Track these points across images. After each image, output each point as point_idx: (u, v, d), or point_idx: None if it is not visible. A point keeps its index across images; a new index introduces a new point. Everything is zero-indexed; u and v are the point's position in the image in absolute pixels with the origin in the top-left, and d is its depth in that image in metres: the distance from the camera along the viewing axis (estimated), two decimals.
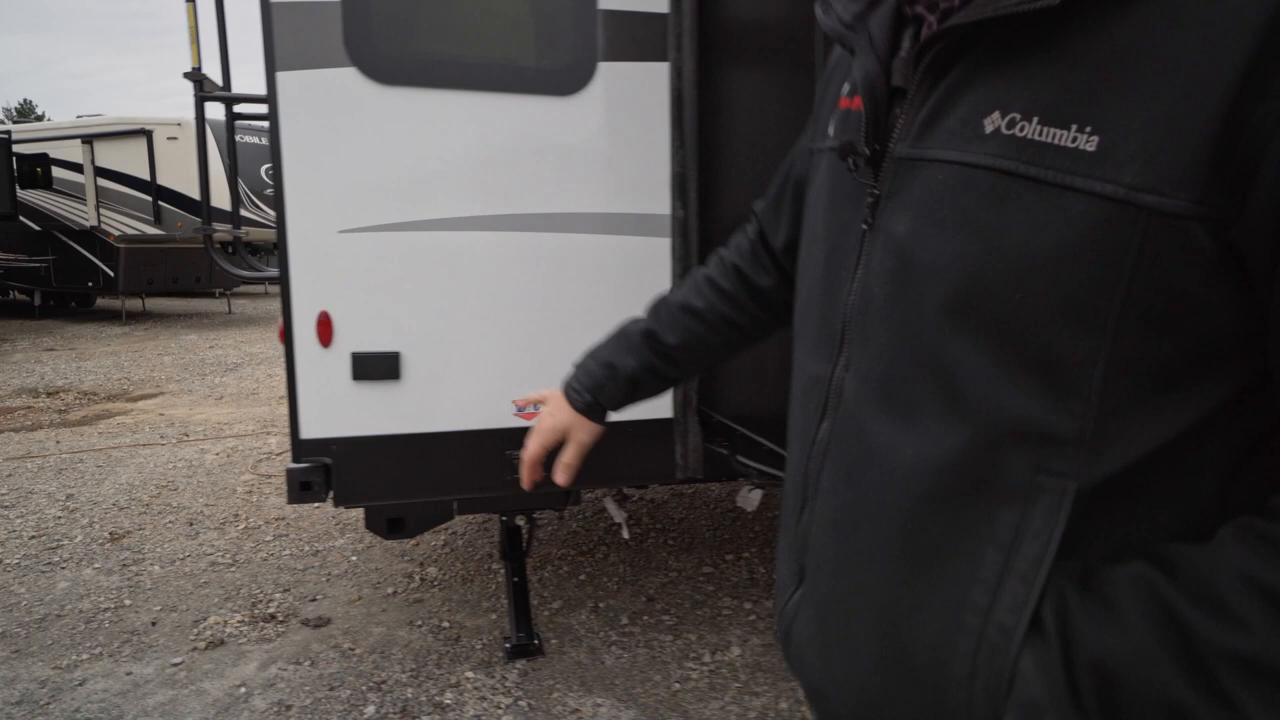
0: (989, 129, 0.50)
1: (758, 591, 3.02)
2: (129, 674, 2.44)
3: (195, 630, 2.72)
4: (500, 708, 2.25)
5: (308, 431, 1.97)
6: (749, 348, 0.99)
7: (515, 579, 2.66)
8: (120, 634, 2.69)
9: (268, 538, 3.59)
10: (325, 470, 2.00)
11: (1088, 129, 0.46)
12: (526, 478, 1.01)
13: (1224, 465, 0.50)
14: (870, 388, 0.60)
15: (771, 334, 0.97)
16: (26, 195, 12.12)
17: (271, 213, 8.98)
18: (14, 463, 4.83)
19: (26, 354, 9.64)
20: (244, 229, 2.74)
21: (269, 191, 12.02)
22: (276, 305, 16.26)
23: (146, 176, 11.60)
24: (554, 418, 0.99)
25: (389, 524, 2.36)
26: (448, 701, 2.28)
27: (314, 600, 2.96)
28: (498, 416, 2.06)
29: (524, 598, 2.64)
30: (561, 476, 1.00)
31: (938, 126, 0.55)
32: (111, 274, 12.14)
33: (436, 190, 1.98)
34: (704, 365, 1.01)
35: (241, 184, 11.71)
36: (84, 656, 2.53)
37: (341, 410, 1.99)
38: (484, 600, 2.95)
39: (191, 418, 6.25)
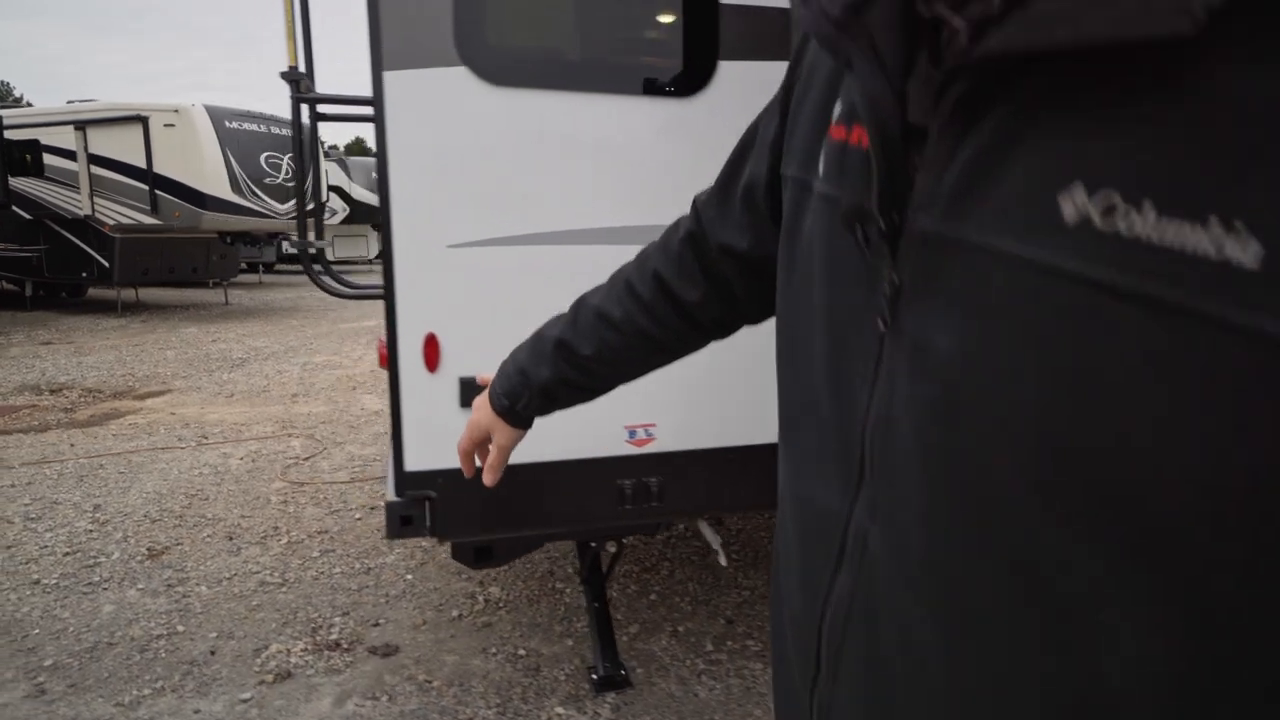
0: (1070, 216, 0.34)
1: None
2: (197, 712, 2.29)
3: (258, 660, 2.57)
4: None
5: (412, 463, 1.83)
6: (678, 359, 0.87)
7: (596, 604, 2.53)
8: (179, 665, 2.54)
9: (314, 553, 3.44)
10: (426, 503, 1.86)
11: (1238, 226, 0.29)
12: (463, 469, 0.97)
13: None
14: (909, 562, 0.45)
15: (700, 348, 0.86)
16: (17, 183, 11.77)
17: (272, 202, 8.79)
18: (31, 469, 4.64)
19: (23, 348, 9.37)
20: (324, 241, 2.56)
21: (269, 180, 11.77)
22: (273, 296, 16.10)
23: (142, 164, 11.30)
24: (479, 413, 0.93)
25: (477, 553, 2.22)
26: None
27: (377, 625, 2.82)
28: (610, 444, 1.93)
29: (607, 625, 2.52)
30: (488, 478, 0.95)
31: (983, 195, 0.38)
32: (106, 264, 11.84)
33: (549, 201, 1.83)
34: (627, 377, 0.89)
35: (240, 172, 11.49)
36: (145, 692, 2.38)
37: (448, 440, 1.84)
38: (555, 624, 2.82)
39: (204, 418, 6.06)
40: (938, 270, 0.41)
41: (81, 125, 11.66)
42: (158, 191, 11.27)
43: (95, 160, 11.69)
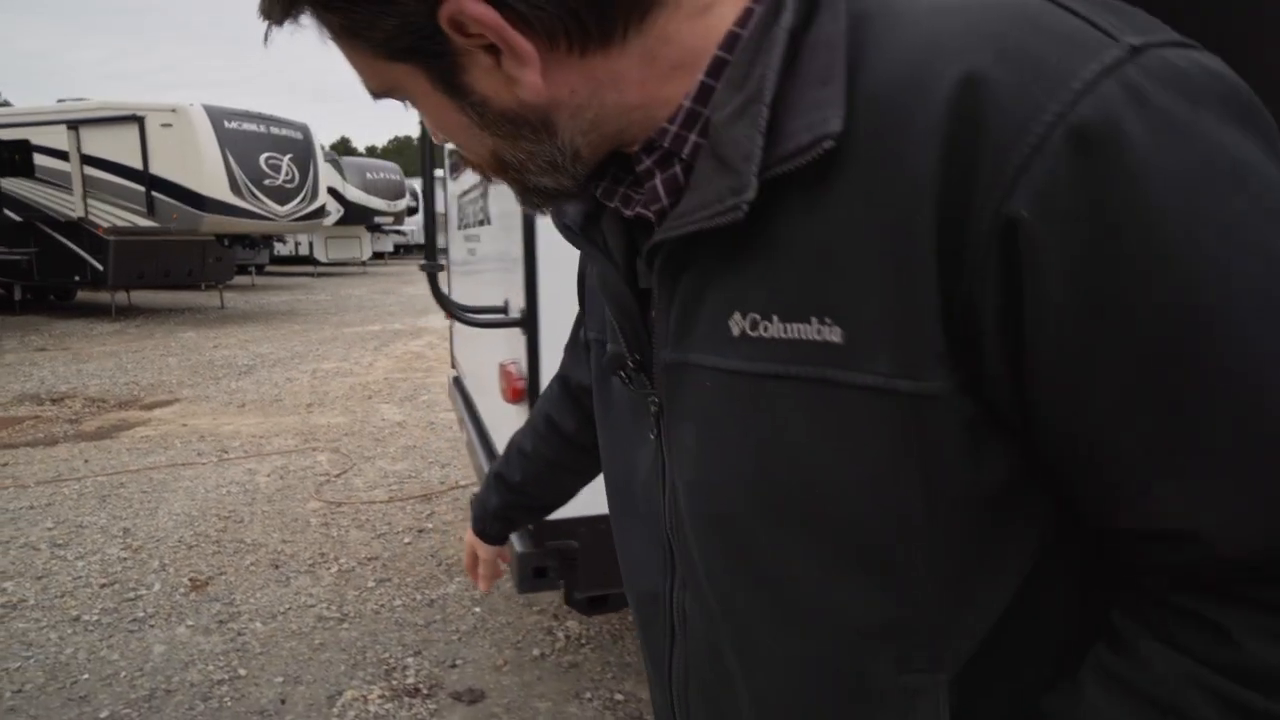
0: (735, 331, 0.48)
1: None
2: None
3: (334, 709, 2.37)
4: None
5: (559, 510, 1.64)
6: (591, 478, 0.99)
7: None
8: (248, 716, 2.33)
9: (369, 583, 3.23)
10: (562, 554, 1.67)
11: (827, 320, 0.44)
12: (473, 580, 1.10)
13: (1073, 600, 0.50)
14: (711, 610, 0.57)
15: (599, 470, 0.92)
16: (6, 184, 11.41)
17: (272, 203, 8.55)
18: (48, 488, 4.39)
19: (18, 354, 9.04)
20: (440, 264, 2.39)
21: (268, 181, 11.49)
22: (268, 299, 15.78)
23: (138, 165, 10.98)
24: (467, 533, 1.09)
25: (592, 600, 2.03)
26: None
27: (454, 666, 2.62)
28: None
29: None
30: (481, 585, 1.10)
31: (692, 329, 0.52)
32: (100, 268, 11.50)
33: None
34: (564, 494, 1.06)
35: (240, 174, 11.20)
36: None
37: (593, 485, 1.66)
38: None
39: (219, 429, 5.81)
40: (676, 387, 0.54)
41: (74, 125, 11.32)
42: (155, 193, 10.96)
43: (88, 161, 11.36)
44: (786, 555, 0.50)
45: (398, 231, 24.46)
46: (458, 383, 3.52)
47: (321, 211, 12.60)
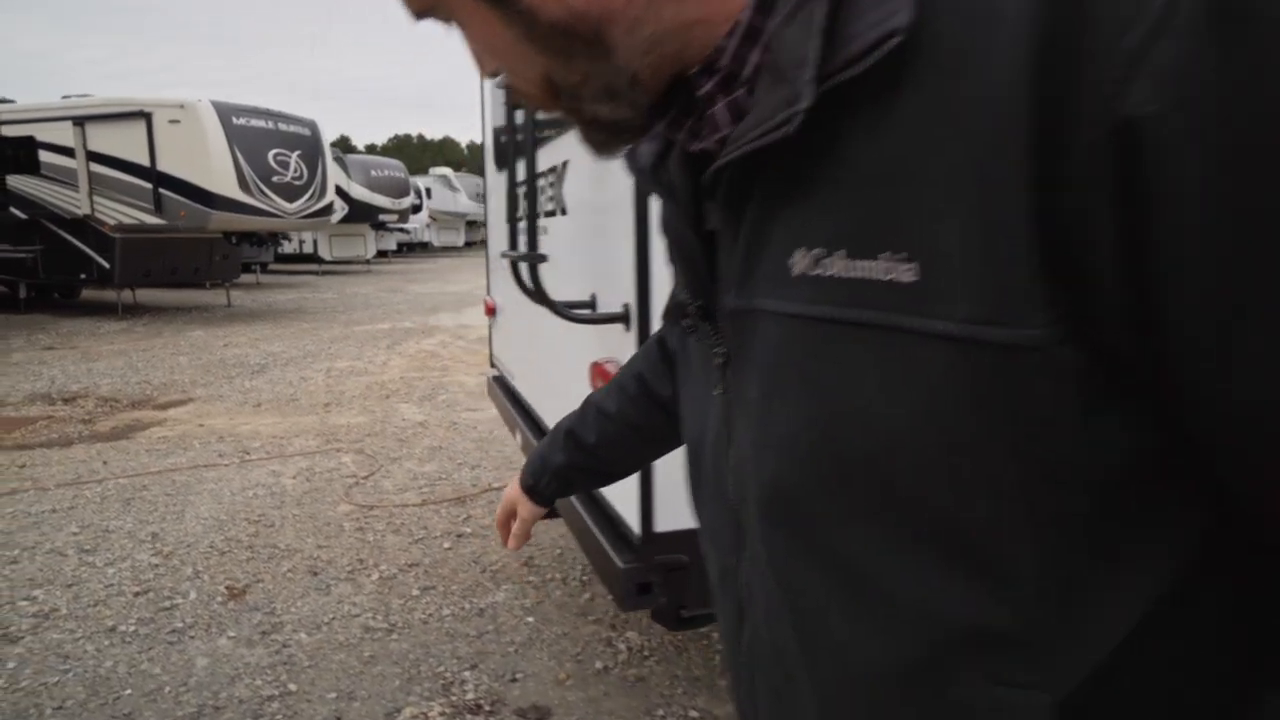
0: (796, 270, 0.43)
1: None
2: None
3: None
4: None
5: (665, 522, 1.51)
6: (671, 449, 0.93)
7: None
8: None
9: (413, 591, 3.10)
10: (669, 569, 1.54)
11: (901, 255, 0.37)
12: (500, 537, 1.04)
13: (1225, 641, 0.39)
14: (776, 593, 0.51)
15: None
16: (12, 181, 11.25)
17: (280, 200, 8.42)
18: (69, 491, 4.25)
19: (25, 353, 8.89)
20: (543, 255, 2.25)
21: (277, 178, 11.33)
22: (275, 297, 15.67)
23: (145, 162, 10.83)
24: (510, 488, 1.02)
25: (681, 616, 1.90)
26: None
27: (514, 680, 2.49)
28: None
29: None
30: (511, 544, 1.03)
31: (755, 270, 0.47)
32: (107, 265, 11.34)
33: None
34: (635, 463, 1.03)
35: (248, 170, 11.05)
36: None
37: None
38: (716, 678, 2.51)
39: (236, 430, 5.68)
40: (745, 337, 0.49)
41: (80, 121, 11.16)
42: (162, 190, 10.82)
43: (95, 158, 11.21)
44: (857, 534, 0.44)
45: (401, 229, 24.31)
46: (501, 383, 3.38)
47: (330, 209, 12.45)
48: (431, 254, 29.97)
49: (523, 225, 1.89)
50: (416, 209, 23.22)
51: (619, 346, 1.56)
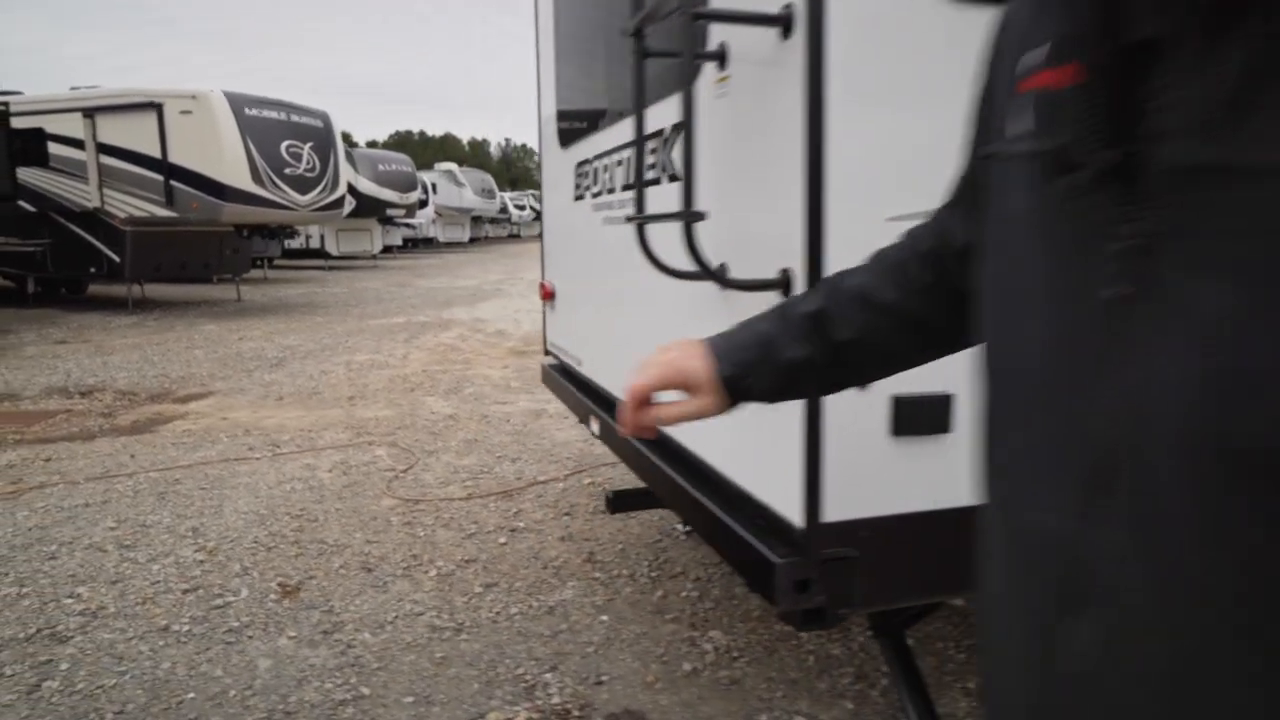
0: None
1: None
2: None
3: None
4: None
5: (833, 512, 1.35)
6: (954, 353, 0.74)
7: (903, 661, 2.06)
8: None
9: (475, 588, 2.94)
10: (833, 565, 1.38)
11: None
12: (629, 420, 0.81)
13: None
14: (1173, 588, 0.36)
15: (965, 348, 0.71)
16: (20, 174, 11.06)
17: (293, 193, 8.24)
18: (99, 485, 4.09)
19: (38, 347, 8.73)
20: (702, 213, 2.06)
21: (289, 170, 11.15)
22: (285, 292, 15.53)
23: (156, 153, 10.65)
24: (686, 359, 0.78)
25: (806, 614, 1.75)
26: None
27: (599, 683, 2.33)
28: None
29: (923, 688, 2.05)
30: (645, 424, 0.80)
31: (1252, 110, 0.32)
32: (117, 259, 11.16)
33: None
34: (884, 370, 0.79)
35: (261, 162, 10.88)
36: None
37: (877, 479, 1.37)
38: (814, 679, 2.35)
39: (261, 423, 5.52)
40: (1200, 209, 0.35)
41: (90, 112, 10.98)
42: (174, 182, 10.64)
43: (105, 149, 11.03)
44: None
45: (408, 225, 24.12)
46: (564, 371, 3.22)
47: (342, 201, 12.27)
48: (436, 250, 29.78)
49: (658, 189, 1.74)
50: (423, 204, 23.01)
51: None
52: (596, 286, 2.70)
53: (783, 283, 1.37)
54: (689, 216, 1.38)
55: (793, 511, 1.39)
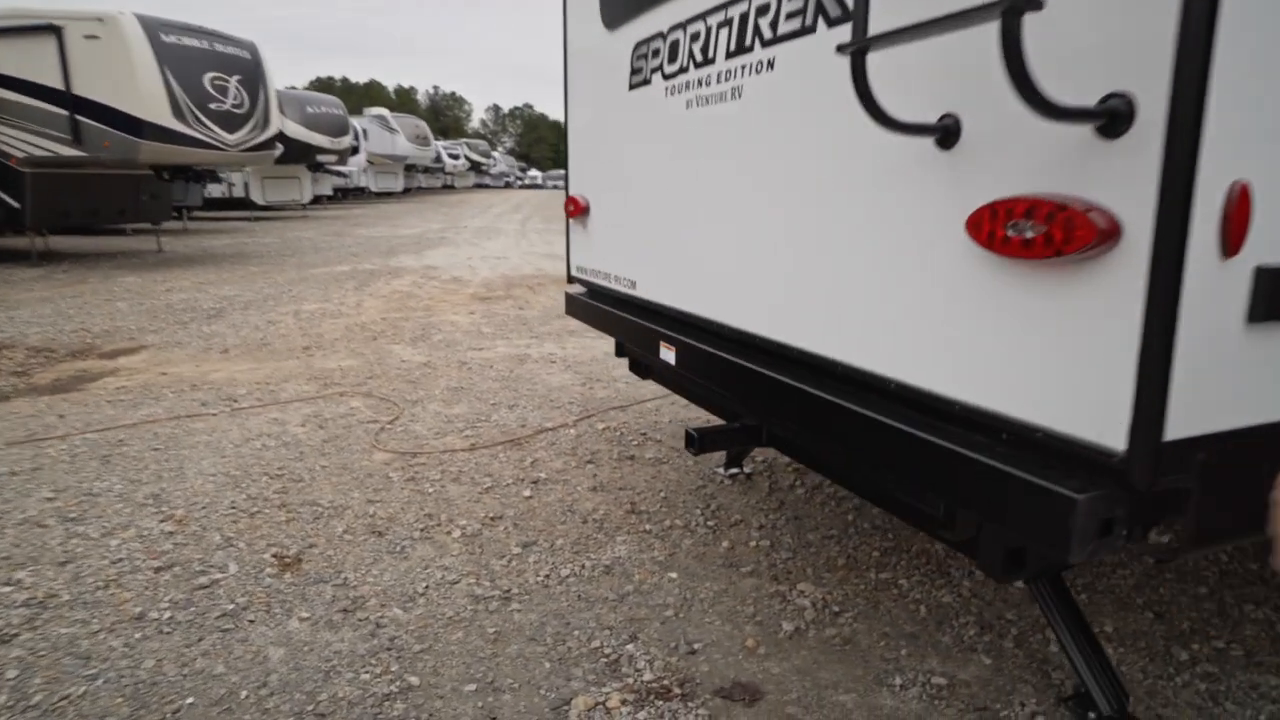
0: None
1: None
2: None
3: None
4: None
5: (1178, 427, 0.97)
6: None
7: (1069, 612, 1.74)
8: None
9: (513, 548, 2.51)
10: (1154, 497, 1.02)
11: None
12: None
13: None
14: None
15: None
16: None
17: (220, 130, 7.37)
18: (25, 450, 3.45)
19: None
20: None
21: (215, 105, 10.10)
22: (211, 243, 14.35)
23: (58, 84, 9.43)
24: None
25: (1007, 558, 1.40)
26: None
27: (693, 652, 1.96)
28: None
29: (1094, 640, 1.74)
30: None
31: None
32: (16, 205, 9.95)
33: None
34: None
35: (182, 95, 9.80)
36: None
37: (1225, 384, 1.00)
38: (935, 632, 2.04)
39: (209, 377, 4.89)
40: None
41: None
42: (80, 117, 9.46)
43: None
44: None
45: (339, 172, 22.67)
46: (606, 298, 2.76)
47: (275, 141, 11.22)
48: (369, 200, 28.25)
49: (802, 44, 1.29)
50: (355, 151, 21.63)
51: (1087, 173, 0.98)
52: (666, 191, 2.24)
53: (1120, 114, 0.96)
54: (861, 43, 0.94)
55: (1113, 426, 1.01)
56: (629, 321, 2.45)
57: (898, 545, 2.52)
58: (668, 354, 2.19)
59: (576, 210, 2.81)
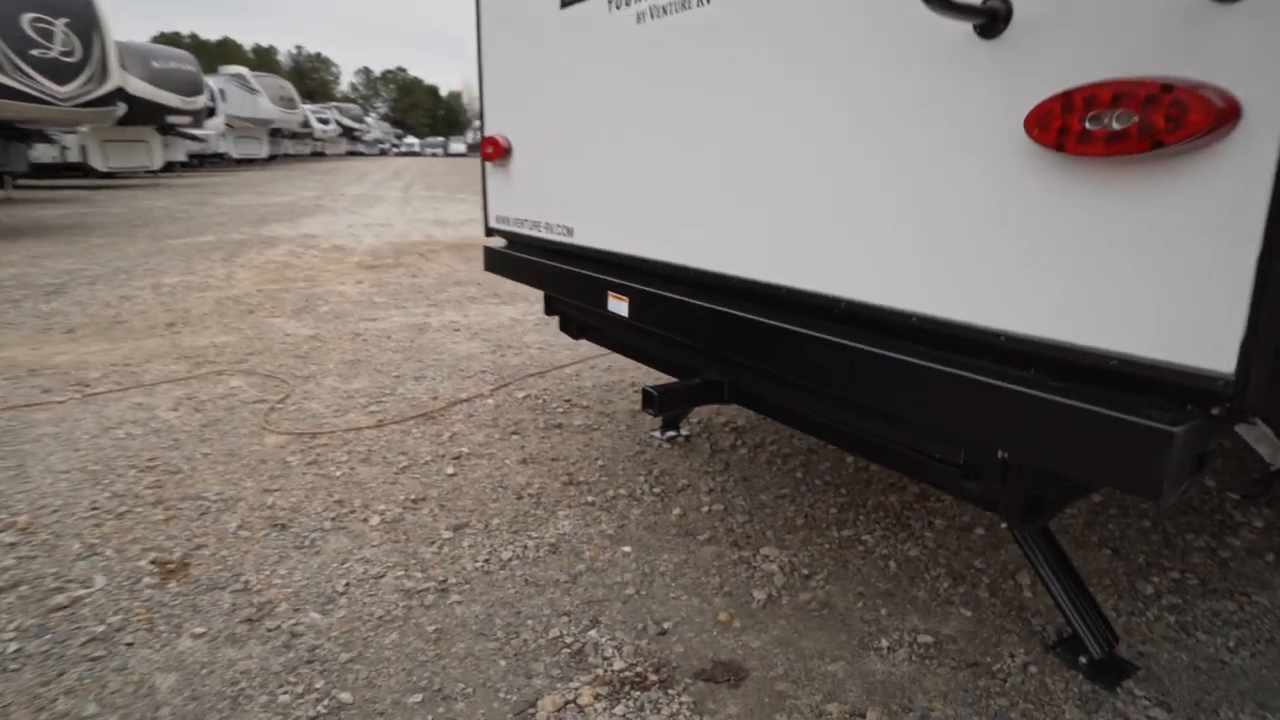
0: None
1: None
2: None
3: None
4: None
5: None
6: None
7: (1054, 555, 1.68)
8: None
9: (443, 532, 2.24)
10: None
11: None
12: None
13: None
14: None
15: None
16: None
17: (46, 81, 6.53)
18: None
19: None
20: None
21: (39, 52, 8.83)
22: (43, 213, 12.80)
23: None
24: None
25: (1026, 509, 1.28)
26: None
27: (663, 633, 1.78)
28: None
29: (1081, 583, 1.68)
30: None
31: None
32: None
33: None
34: None
35: None
36: None
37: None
38: (909, 588, 1.95)
39: (51, 360, 4.24)
40: None
41: None
42: None
43: None
44: None
45: (193, 136, 20.64)
46: (536, 249, 2.48)
47: (115, 97, 9.96)
48: (230, 168, 25.98)
49: None
50: (211, 113, 19.72)
51: (1193, 46, 0.82)
52: (613, 124, 1.98)
53: None
54: None
55: (1209, 353, 0.87)
56: (566, 273, 2.19)
57: (852, 500, 2.43)
58: (618, 305, 1.96)
59: (496, 153, 2.50)
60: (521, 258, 2.47)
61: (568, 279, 2.19)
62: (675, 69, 1.72)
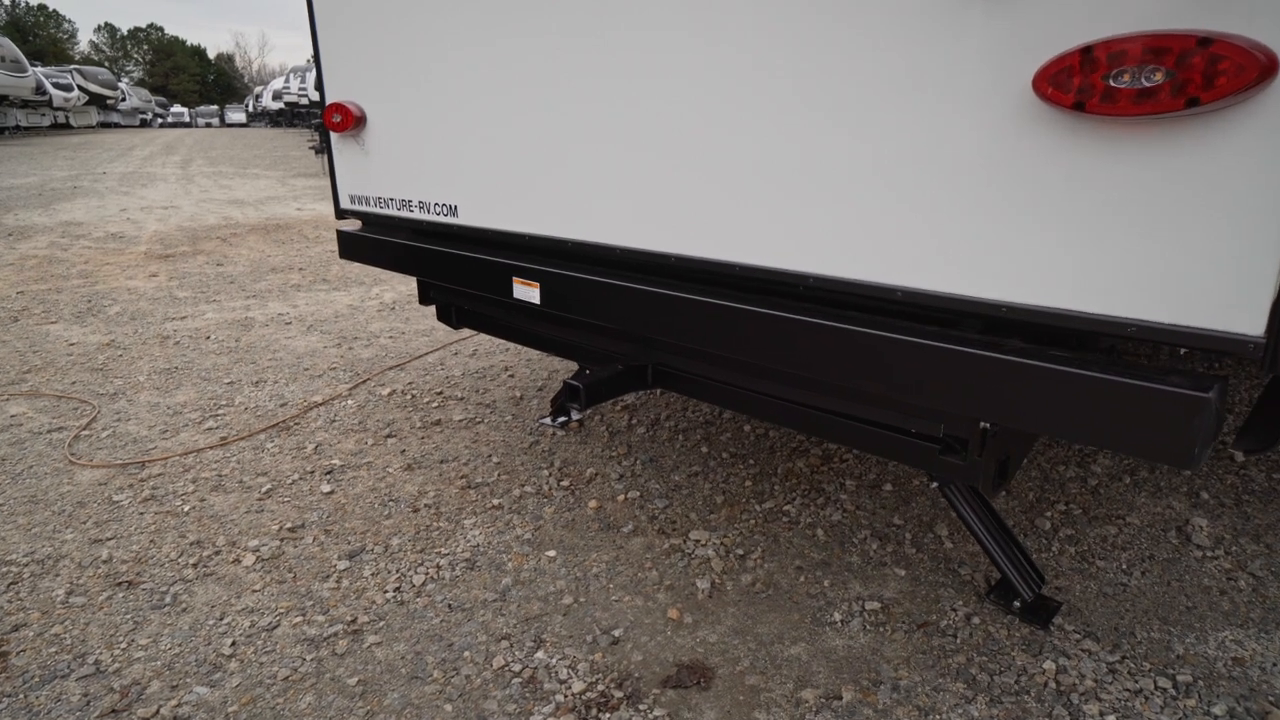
0: None
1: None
2: None
3: None
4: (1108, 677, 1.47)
5: None
6: None
7: (983, 508, 1.75)
8: None
9: (337, 562, 1.95)
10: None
11: None
12: None
13: None
14: None
15: None
16: None
17: None
18: None
19: None
20: None
21: None
22: None
23: None
24: None
25: (998, 473, 1.29)
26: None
27: (615, 642, 1.66)
28: None
29: (1009, 533, 1.77)
30: None
31: None
32: None
33: None
34: None
35: None
36: None
37: None
38: (842, 554, 1.97)
39: None
40: None
41: None
42: None
43: None
44: None
45: None
46: (412, 229, 2.19)
47: None
48: None
49: None
50: None
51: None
52: (509, 84, 1.74)
53: None
54: None
55: (1237, 317, 0.88)
56: (454, 258, 1.96)
57: (762, 469, 2.42)
58: (526, 292, 1.77)
59: (346, 122, 2.17)
60: (391, 242, 2.18)
61: (457, 265, 1.95)
62: (585, 5, 1.53)
